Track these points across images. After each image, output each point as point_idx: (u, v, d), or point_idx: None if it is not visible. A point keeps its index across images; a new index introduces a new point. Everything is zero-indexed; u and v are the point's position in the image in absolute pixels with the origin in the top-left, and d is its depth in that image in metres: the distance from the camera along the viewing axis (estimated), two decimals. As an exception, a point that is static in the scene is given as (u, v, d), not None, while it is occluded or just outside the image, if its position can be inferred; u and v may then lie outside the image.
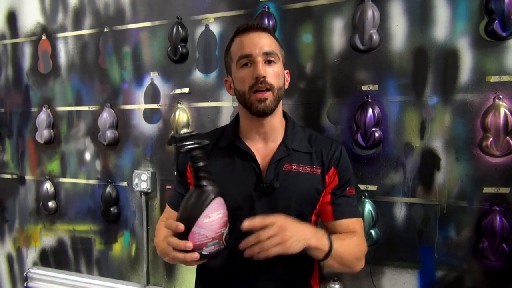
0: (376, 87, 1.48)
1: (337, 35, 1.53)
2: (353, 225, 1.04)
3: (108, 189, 1.97)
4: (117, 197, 1.99)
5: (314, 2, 1.55)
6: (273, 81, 0.98)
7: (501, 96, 1.31)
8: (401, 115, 1.46)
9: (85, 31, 2.01)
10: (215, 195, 0.85)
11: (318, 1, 1.54)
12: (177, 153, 0.92)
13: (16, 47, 2.20)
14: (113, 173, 2.00)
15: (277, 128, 1.06)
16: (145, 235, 1.92)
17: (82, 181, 2.08)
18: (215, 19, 1.74)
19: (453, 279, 1.42)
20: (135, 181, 1.88)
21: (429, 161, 1.43)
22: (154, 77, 1.88)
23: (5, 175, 2.30)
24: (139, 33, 1.89)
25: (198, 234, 0.83)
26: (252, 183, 1.00)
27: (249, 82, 0.98)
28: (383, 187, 1.49)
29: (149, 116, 1.90)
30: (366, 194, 1.50)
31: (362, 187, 1.50)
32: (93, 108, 2.02)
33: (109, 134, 1.94)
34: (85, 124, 2.05)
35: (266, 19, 1.59)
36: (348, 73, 1.52)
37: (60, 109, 2.10)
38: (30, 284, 2.18)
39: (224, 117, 1.74)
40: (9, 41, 2.21)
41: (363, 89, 1.49)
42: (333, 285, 1.53)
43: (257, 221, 0.85)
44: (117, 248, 2.02)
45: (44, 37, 2.10)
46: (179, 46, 1.77)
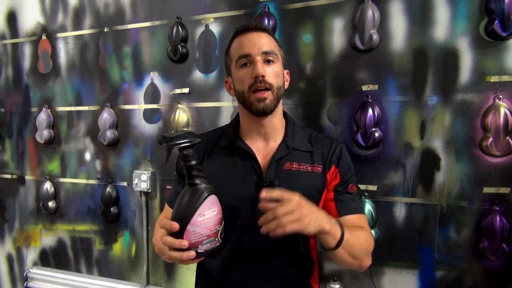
0: (376, 87, 1.48)
1: (337, 35, 1.53)
2: (359, 220, 1.03)
3: (108, 189, 1.97)
4: (117, 197, 1.99)
5: (314, 2, 1.55)
6: (272, 80, 0.98)
7: (501, 96, 1.31)
8: (401, 115, 1.46)
9: (85, 31, 2.01)
10: (208, 193, 0.85)
11: (318, 1, 1.54)
12: (168, 153, 0.91)
13: (16, 47, 2.20)
14: (113, 173, 2.00)
15: (277, 127, 1.06)
16: (145, 235, 1.92)
17: (82, 181, 2.08)
18: (215, 19, 1.74)
19: (453, 279, 1.42)
20: (135, 181, 1.88)
21: (429, 161, 1.43)
22: (154, 77, 1.88)
23: (5, 175, 2.30)
24: (139, 33, 1.89)
25: (193, 232, 0.83)
26: (252, 182, 1.01)
27: (249, 81, 0.98)
28: (383, 187, 1.49)
29: (149, 116, 1.90)
30: (366, 194, 1.50)
31: (362, 187, 1.50)
32: (93, 108, 2.02)
33: (109, 134, 1.94)
34: (85, 124, 2.05)
35: (266, 19, 1.59)
36: (348, 73, 1.52)
37: (60, 109, 2.10)
38: (30, 284, 2.18)
39: (224, 117, 1.74)
40: (9, 41, 2.21)
41: (363, 89, 1.49)
42: (333, 285, 1.53)
43: (275, 193, 0.84)
44: (117, 248, 2.02)
45: (44, 37, 2.10)
46: (179, 46, 1.77)
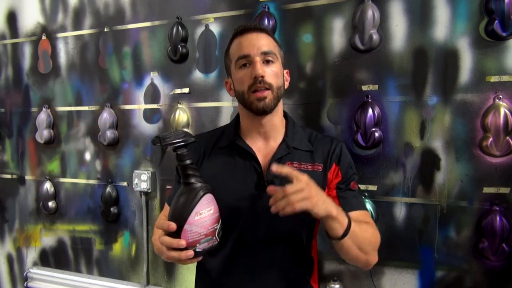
0: (376, 87, 1.48)
1: (337, 35, 1.53)
2: (363, 217, 1.02)
3: (108, 189, 1.97)
4: (117, 197, 1.99)
5: (314, 2, 1.55)
6: (271, 80, 0.99)
7: (501, 96, 1.31)
8: (401, 115, 1.46)
9: (85, 31, 2.01)
10: (204, 192, 0.85)
11: (318, 1, 1.54)
12: (163, 153, 0.91)
13: (16, 47, 2.20)
14: (113, 173, 2.00)
15: (277, 127, 1.06)
16: (145, 235, 1.92)
17: (82, 181, 2.08)
18: (215, 19, 1.74)
19: (453, 279, 1.42)
20: (135, 181, 1.88)
21: (429, 161, 1.43)
22: (154, 77, 1.88)
23: (5, 175, 2.30)
24: (139, 33, 1.89)
25: (190, 231, 0.83)
26: (253, 182, 1.01)
27: (248, 82, 0.98)
28: (383, 187, 1.49)
29: (149, 116, 1.90)
30: (366, 194, 1.50)
31: (362, 187, 1.50)
32: (93, 108, 2.02)
33: (109, 134, 1.94)
34: (85, 124, 2.05)
35: (266, 19, 1.59)
36: (348, 73, 1.52)
37: (60, 109, 2.10)
38: (30, 284, 2.18)
39: (224, 117, 1.74)
40: (9, 41, 2.21)
41: (363, 89, 1.49)
42: (333, 285, 1.53)
43: (285, 169, 0.86)
44: (117, 248, 2.02)
45: (44, 37, 2.10)
46: (179, 46, 1.77)
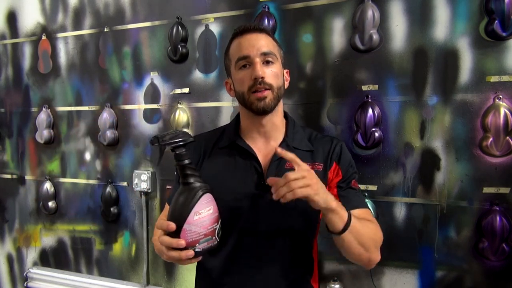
0: (376, 87, 1.48)
1: (337, 35, 1.53)
2: (364, 215, 1.01)
3: (108, 189, 1.97)
4: (117, 197, 1.99)
5: (314, 2, 1.55)
6: (271, 81, 0.99)
7: (501, 96, 1.31)
8: (401, 115, 1.46)
9: (85, 31, 2.01)
10: (203, 192, 0.85)
11: (318, 1, 1.54)
12: (161, 153, 0.91)
13: (16, 47, 2.20)
14: (113, 173, 2.00)
15: (277, 127, 1.06)
16: (145, 235, 1.92)
17: (82, 181, 2.08)
18: (215, 19, 1.74)
19: (453, 279, 1.42)
20: (135, 181, 1.88)
21: (429, 161, 1.43)
22: (154, 77, 1.88)
23: (5, 175, 2.30)
24: (139, 33, 1.89)
25: (189, 231, 0.83)
26: (253, 182, 1.00)
27: (248, 83, 0.98)
28: (383, 187, 1.49)
29: (149, 116, 1.90)
30: (366, 194, 1.50)
31: (362, 187, 1.50)
32: (93, 108, 2.02)
33: (109, 134, 1.94)
34: (85, 124, 2.05)
35: (266, 19, 1.59)
36: (348, 73, 1.52)
37: (60, 109, 2.10)
38: (30, 284, 2.18)
39: (224, 117, 1.74)
40: (9, 41, 2.21)
41: (363, 89, 1.49)
42: (333, 285, 1.53)
43: (289, 154, 0.87)
44: (117, 248, 2.02)
45: (44, 37, 2.10)
46: (179, 46, 1.77)
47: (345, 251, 0.96)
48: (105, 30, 1.95)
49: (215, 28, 1.74)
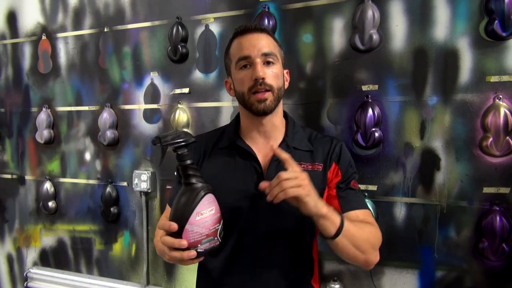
0: (376, 87, 1.48)
1: (337, 35, 1.53)
2: (363, 216, 1.01)
3: (108, 189, 1.97)
4: (117, 197, 1.99)
5: (314, 2, 1.55)
6: (272, 82, 0.99)
7: (501, 96, 1.31)
8: (401, 115, 1.46)
9: (85, 31, 2.01)
10: (205, 192, 0.85)
11: (318, 1, 1.54)
12: (163, 153, 0.91)
13: (16, 47, 2.20)
14: (113, 173, 2.00)
15: (277, 127, 1.06)
16: (145, 235, 1.92)
17: (82, 181, 2.08)
18: (215, 19, 1.74)
19: (453, 279, 1.42)
20: (135, 181, 1.88)
21: (429, 161, 1.42)
22: (154, 77, 1.88)
23: (5, 175, 2.30)
24: (139, 33, 1.89)
25: (191, 232, 0.83)
26: (253, 182, 1.01)
27: (248, 83, 0.98)
28: (383, 187, 1.49)
29: (149, 116, 1.90)
30: (366, 194, 1.50)
31: (362, 187, 1.50)
32: (93, 108, 2.02)
33: (109, 134, 1.94)
34: (85, 124, 2.05)
35: (266, 19, 1.59)
36: (348, 73, 1.52)
37: (60, 109, 2.10)
38: (30, 284, 2.18)
39: (224, 117, 1.74)
40: (9, 41, 2.21)
41: (363, 89, 1.49)
42: (333, 285, 1.53)
43: (284, 154, 0.88)
44: (117, 248, 2.02)
45: (44, 37, 2.10)
46: (179, 46, 1.76)
47: (340, 254, 0.96)
48: (105, 30, 1.95)
49: (215, 28, 1.74)
